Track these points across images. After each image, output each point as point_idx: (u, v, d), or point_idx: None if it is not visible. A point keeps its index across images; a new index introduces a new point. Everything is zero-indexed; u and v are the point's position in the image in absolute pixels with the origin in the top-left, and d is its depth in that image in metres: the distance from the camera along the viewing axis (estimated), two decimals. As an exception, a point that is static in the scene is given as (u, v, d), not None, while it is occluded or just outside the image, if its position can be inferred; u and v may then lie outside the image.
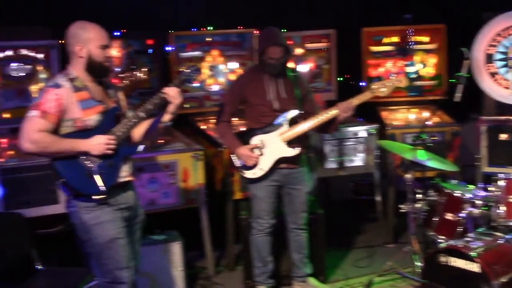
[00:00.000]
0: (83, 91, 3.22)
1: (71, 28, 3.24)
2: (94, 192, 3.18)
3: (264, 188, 4.16)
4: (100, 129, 3.23)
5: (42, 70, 5.21)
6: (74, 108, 3.17)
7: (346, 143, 5.26)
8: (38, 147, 3.09)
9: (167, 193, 4.64)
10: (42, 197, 4.40)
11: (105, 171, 3.21)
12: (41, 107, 3.11)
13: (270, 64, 4.02)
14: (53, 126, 3.14)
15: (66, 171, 3.16)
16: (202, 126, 5.49)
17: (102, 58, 3.23)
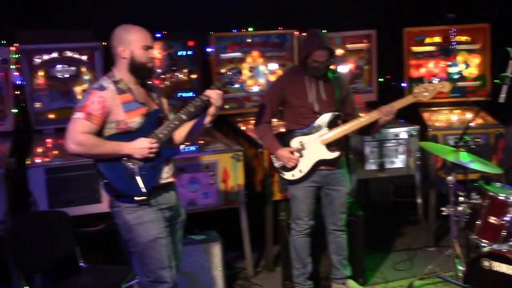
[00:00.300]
0: (126, 93, 3.26)
1: (115, 31, 3.31)
2: (136, 193, 3.22)
3: (303, 189, 4.16)
4: (142, 131, 3.27)
5: (86, 71, 5.31)
6: (118, 110, 3.22)
7: (386, 145, 5.21)
8: (82, 149, 3.15)
9: (207, 194, 4.67)
10: (85, 196, 4.47)
11: (146, 172, 3.25)
12: (86, 109, 3.17)
13: (314, 67, 4.00)
14: (97, 128, 3.19)
15: (108, 172, 3.21)
16: (242, 126, 5.51)
17: (145, 59, 3.27)
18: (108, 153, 3.18)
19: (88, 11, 5.56)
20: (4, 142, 4.96)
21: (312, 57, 3.95)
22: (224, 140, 5.07)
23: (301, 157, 4.11)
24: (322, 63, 3.98)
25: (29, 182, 4.33)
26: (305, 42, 4.10)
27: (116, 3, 5.62)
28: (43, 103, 5.19)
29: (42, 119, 5.20)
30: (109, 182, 3.22)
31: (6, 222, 4.21)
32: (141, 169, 3.24)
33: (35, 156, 4.61)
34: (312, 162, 4.10)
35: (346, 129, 4.07)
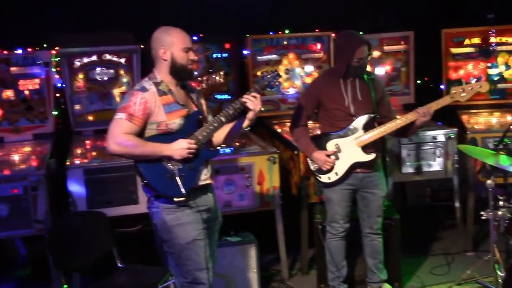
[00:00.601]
0: (167, 95, 3.30)
1: (155, 33, 3.35)
2: (175, 194, 3.25)
3: (339, 192, 4.14)
4: (182, 132, 3.29)
5: (124, 74, 5.39)
6: (159, 112, 3.25)
7: (424, 147, 5.15)
8: (123, 149, 3.19)
9: (243, 195, 4.68)
10: (123, 197, 4.52)
11: (186, 173, 3.27)
12: (127, 110, 3.21)
13: (357, 67, 3.98)
14: (138, 128, 3.23)
15: (148, 173, 3.25)
16: (277, 129, 5.51)
17: (185, 60, 3.30)
18: (148, 154, 3.22)
19: (127, 14, 5.64)
20: (45, 143, 5.09)
21: (355, 56, 3.94)
22: (260, 142, 5.08)
23: (337, 160, 4.09)
24: (363, 59, 3.97)
25: (69, 182, 4.40)
26: (343, 45, 4.04)
27: (153, 6, 5.69)
28: (82, 105, 5.30)
29: (81, 121, 5.31)
30: (148, 183, 3.25)
31: (46, 221, 4.30)
32: (181, 170, 3.27)
33: (74, 157, 4.70)
34: (348, 165, 4.08)
35: (382, 131, 4.05)
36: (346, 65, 3.99)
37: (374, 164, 4.14)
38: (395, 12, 6.17)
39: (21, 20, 5.38)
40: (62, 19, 5.45)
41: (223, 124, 3.36)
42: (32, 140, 5.21)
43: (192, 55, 3.32)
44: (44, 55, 5.21)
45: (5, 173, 4.42)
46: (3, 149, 5.06)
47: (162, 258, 4.39)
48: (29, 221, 4.30)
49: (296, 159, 4.83)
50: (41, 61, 5.19)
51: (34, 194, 4.28)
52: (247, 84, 5.68)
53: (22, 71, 5.18)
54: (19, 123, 5.21)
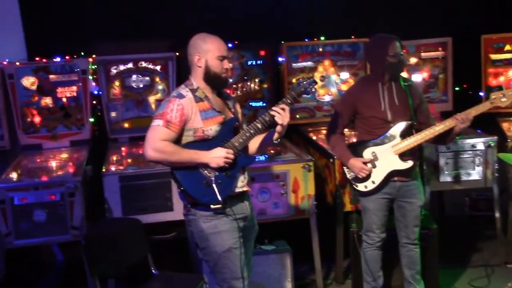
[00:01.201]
0: (204, 101, 3.31)
1: (192, 39, 3.37)
2: (211, 201, 3.24)
3: (376, 201, 4.09)
4: (218, 139, 3.30)
5: (159, 81, 5.44)
6: (196, 118, 3.27)
7: (462, 156, 5.07)
8: (160, 156, 3.20)
9: (277, 204, 4.66)
10: (158, 204, 4.54)
11: (222, 180, 3.27)
12: (165, 116, 3.23)
13: (394, 63, 3.95)
14: (175, 135, 3.24)
15: (185, 180, 3.26)
16: (313, 136, 5.48)
17: (219, 69, 3.31)
18: (185, 161, 3.23)
19: (162, 22, 5.69)
20: (82, 150, 5.16)
21: (389, 51, 3.91)
22: (295, 149, 5.06)
23: (373, 168, 4.05)
24: (399, 55, 3.94)
25: (104, 189, 4.45)
26: (375, 45, 4.03)
27: (188, 14, 5.73)
28: (118, 112, 5.36)
29: (117, 128, 5.37)
30: (185, 190, 3.26)
31: (82, 228, 4.35)
32: (217, 177, 3.27)
33: (110, 164, 4.75)
34: (385, 173, 4.03)
35: (420, 138, 3.99)
36: (383, 65, 3.95)
37: (412, 173, 4.08)
38: (432, 18, 6.09)
39: (59, 28, 5.47)
40: (98, 27, 5.53)
41: (260, 131, 3.36)
42: (69, 146, 5.28)
43: (227, 64, 3.33)
44: (82, 63, 5.29)
45: (43, 179, 4.50)
46: (41, 156, 5.14)
47: (197, 265, 4.40)
48: (66, 227, 4.35)
49: (331, 167, 4.80)
50: (78, 69, 5.26)
51: (70, 200, 4.33)
52: (282, 91, 5.68)
53: (60, 79, 5.26)
54: (57, 130, 5.29)
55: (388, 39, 3.96)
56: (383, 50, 3.94)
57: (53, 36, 5.46)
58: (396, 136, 4.02)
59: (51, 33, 5.46)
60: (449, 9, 6.10)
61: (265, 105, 5.67)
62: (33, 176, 4.63)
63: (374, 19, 5.99)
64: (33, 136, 5.25)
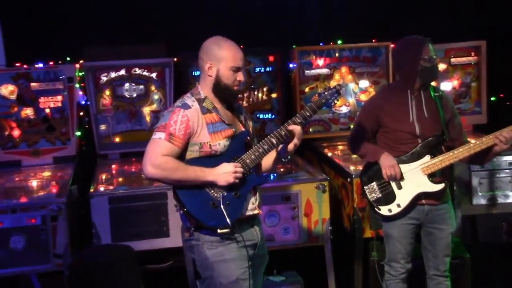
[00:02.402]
0: (212, 113, 3.27)
1: (206, 43, 3.31)
2: (219, 225, 3.20)
3: (400, 227, 4.03)
4: (227, 155, 3.27)
5: (155, 90, 5.44)
6: (202, 132, 3.23)
7: (499, 175, 5.06)
8: (161, 173, 3.16)
9: (288, 229, 4.64)
10: (153, 229, 4.52)
11: (231, 202, 3.23)
12: (167, 129, 3.19)
13: (429, 68, 3.91)
14: (179, 150, 3.21)
15: (189, 200, 3.21)
16: (328, 152, 5.47)
17: (230, 81, 3.27)
18: (189, 179, 3.19)
19: (159, 24, 5.70)
20: (67, 168, 5.15)
21: (423, 54, 3.88)
22: (308, 167, 5.04)
23: (399, 189, 3.99)
24: (433, 59, 3.91)
25: (92, 212, 4.41)
26: (405, 49, 3.98)
27: (189, 15, 5.74)
28: (108, 125, 5.36)
29: (107, 143, 5.37)
30: (189, 211, 3.21)
31: (66, 256, 4.30)
32: (225, 198, 3.23)
33: (98, 183, 4.73)
34: (412, 195, 3.97)
35: (453, 156, 3.93)
36: (415, 69, 3.91)
37: (442, 195, 4.03)
38: (464, 18, 6.09)
39: (42, 31, 5.48)
40: (87, 29, 5.53)
41: (274, 147, 3.32)
42: (52, 164, 5.28)
43: (241, 76, 3.29)
44: (67, 70, 5.29)
45: (22, 200, 4.47)
46: (20, 174, 5.14)
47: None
48: (47, 255, 4.30)
49: (349, 187, 4.77)
50: (63, 76, 5.26)
51: (53, 225, 4.30)
52: (293, 102, 5.67)
53: (42, 87, 5.26)
54: (39, 144, 5.29)
55: (420, 41, 3.93)
56: (415, 53, 3.90)
57: (35, 39, 5.47)
58: (425, 153, 3.97)
59: (33, 36, 5.47)
60: (483, 8, 6.09)
61: (274, 117, 5.67)
62: (10, 197, 4.60)
63: (397, 20, 6.00)
64: (11, 151, 5.25)
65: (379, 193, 4.03)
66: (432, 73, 3.97)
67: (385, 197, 4.02)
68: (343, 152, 5.47)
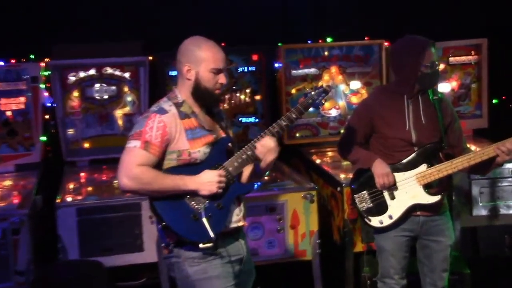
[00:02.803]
0: (190, 118, 3.28)
1: (184, 43, 3.32)
2: (201, 239, 3.19)
3: (394, 239, 4.05)
4: (208, 163, 3.27)
5: (129, 92, 5.43)
6: (180, 138, 3.24)
7: (501, 184, 5.11)
8: (138, 184, 3.16)
9: (272, 242, 4.66)
10: (125, 243, 4.53)
11: (214, 213, 3.23)
12: (143, 136, 3.19)
13: (430, 74, 3.93)
14: (156, 159, 3.21)
15: (167, 213, 3.21)
16: (316, 159, 5.48)
17: (211, 84, 3.27)
18: (168, 189, 3.19)
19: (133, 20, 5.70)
20: (30, 176, 5.12)
21: (425, 60, 3.89)
22: (294, 175, 5.06)
23: (391, 200, 4.03)
24: (435, 65, 3.93)
25: (58, 224, 4.40)
26: (406, 51, 3.97)
27: (165, 10, 5.74)
28: (77, 129, 5.35)
29: (76, 149, 5.35)
30: (168, 225, 3.20)
31: (29, 272, 4.28)
32: (208, 209, 3.23)
33: (65, 193, 4.71)
34: (405, 207, 4.00)
35: (451, 167, 3.95)
36: (414, 75, 3.93)
37: (439, 206, 4.06)
38: (463, 15, 6.13)
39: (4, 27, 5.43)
40: (54, 24, 5.51)
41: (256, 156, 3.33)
42: (14, 172, 5.25)
43: (222, 79, 3.29)
44: (31, 68, 5.26)
45: (-20, 212, 4.43)
46: (-22, 183, 5.11)
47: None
48: (8, 272, 4.29)
49: (339, 197, 4.80)
50: (27, 76, 5.24)
51: (14, 239, 4.28)
52: (279, 104, 5.68)
53: (3, 88, 5.23)
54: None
55: (423, 44, 3.91)
56: (417, 57, 3.90)
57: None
58: (421, 162, 4.00)
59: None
60: (484, 3, 6.15)
61: (257, 121, 5.69)
62: (-33, 209, 4.57)
63: (391, 17, 6.03)
64: (-32, 159, 5.21)
65: (370, 203, 4.05)
66: (432, 79, 3.98)
67: (376, 207, 4.03)
68: (332, 159, 5.49)
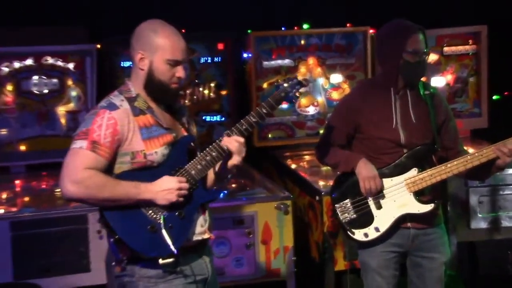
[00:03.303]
0: (146, 114, 3.25)
1: (139, 27, 3.28)
2: (161, 255, 3.16)
3: (380, 256, 4.03)
4: (167, 166, 3.25)
5: (73, 85, 5.40)
6: (134, 138, 3.20)
7: (503, 192, 5.12)
8: (85, 192, 3.12)
9: (241, 260, 4.66)
10: (68, 262, 4.49)
11: (174, 224, 3.20)
12: (90, 135, 3.15)
13: (414, 65, 3.91)
14: (105, 161, 3.17)
15: (120, 225, 3.17)
16: (291, 164, 5.50)
17: (167, 77, 3.25)
18: (121, 197, 3.15)
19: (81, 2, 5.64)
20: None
21: (408, 47, 3.88)
22: (266, 183, 5.06)
23: (378, 209, 4.01)
24: (420, 53, 3.91)
25: (-13, 241, 4.37)
26: (389, 37, 3.99)
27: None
28: (11, 129, 5.31)
29: (9, 152, 5.31)
30: (122, 239, 3.17)
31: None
32: (167, 219, 3.20)
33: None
34: (393, 217, 3.99)
35: (446, 171, 3.95)
36: (396, 64, 3.93)
37: (433, 217, 4.05)
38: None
39: None
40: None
41: (225, 154, 3.31)
42: None
43: (180, 72, 3.27)
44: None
45: None
46: None
47: None
48: None
49: (317, 208, 4.80)
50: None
51: None
52: (249, 101, 5.68)
53: None
54: None
55: (408, 29, 3.91)
56: (398, 43, 3.90)
57: None
58: (411, 165, 3.99)
59: None
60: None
61: (223, 119, 5.70)
62: None
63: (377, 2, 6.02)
64: None
65: (353, 213, 4.03)
66: (417, 71, 3.97)
67: (360, 218, 4.01)
68: (310, 164, 5.51)
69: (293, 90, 3.36)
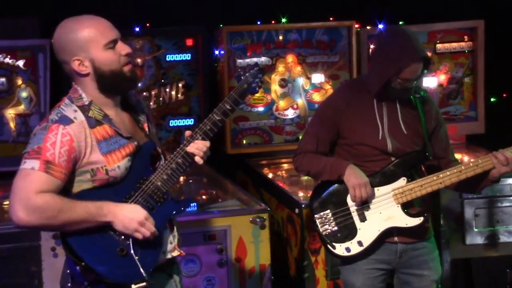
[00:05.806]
0: (103, 124, 3.23)
1: (55, 39, 3.25)
2: (132, 280, 3.17)
3: (365, 273, 4.09)
4: (131, 180, 3.25)
5: (23, 85, 5.37)
6: (93, 153, 3.18)
7: (501, 204, 5.18)
8: (40, 218, 3.08)
9: (212, 280, 4.69)
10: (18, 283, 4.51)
11: (143, 244, 3.21)
12: (43, 155, 3.10)
13: (400, 90, 3.99)
14: (61, 183, 3.13)
15: (87, 249, 3.16)
16: (268, 173, 5.53)
17: (116, 62, 3.23)
18: (81, 219, 3.12)
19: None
20: None
21: (403, 74, 3.93)
22: (240, 194, 5.08)
23: (362, 222, 4.08)
24: (413, 80, 3.99)
25: None
26: (390, 52, 3.99)
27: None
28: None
29: None
30: (87, 265, 3.15)
31: None
32: (136, 240, 3.20)
33: None
34: (378, 231, 4.04)
35: (437, 182, 4.01)
36: (382, 83, 3.99)
37: (422, 231, 4.14)
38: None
39: None
40: None
41: (190, 160, 3.31)
42: None
43: (123, 48, 3.25)
44: None
45: None
46: None
47: None
48: None
49: (297, 222, 4.84)
50: None
51: None
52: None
53: None
54: None
55: (411, 56, 3.91)
56: (394, 67, 3.92)
57: None
58: (400, 175, 4.06)
59: None
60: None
61: (193, 123, 5.70)
62: None
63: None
64: None
65: (334, 226, 4.08)
66: (400, 94, 4.02)
67: (342, 231, 4.06)
68: (289, 173, 5.55)
69: (256, 80, 3.37)
